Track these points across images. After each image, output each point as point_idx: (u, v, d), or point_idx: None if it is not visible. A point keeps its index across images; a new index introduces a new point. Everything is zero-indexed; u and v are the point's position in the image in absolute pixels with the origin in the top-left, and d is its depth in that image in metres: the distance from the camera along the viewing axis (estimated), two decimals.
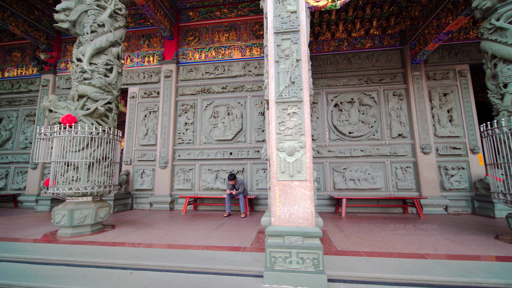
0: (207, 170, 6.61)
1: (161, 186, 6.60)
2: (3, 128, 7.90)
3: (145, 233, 3.78)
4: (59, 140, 3.78)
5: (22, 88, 8.03)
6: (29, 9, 7.16)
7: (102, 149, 3.98)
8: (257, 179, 6.36)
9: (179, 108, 7.03)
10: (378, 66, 6.42)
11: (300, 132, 2.42)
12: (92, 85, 3.97)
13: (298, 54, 2.55)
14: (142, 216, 5.39)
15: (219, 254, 2.74)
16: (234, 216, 5.29)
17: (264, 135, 6.46)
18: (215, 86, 6.94)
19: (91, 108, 3.92)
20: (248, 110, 6.70)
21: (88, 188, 3.76)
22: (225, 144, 6.65)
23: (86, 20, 4.14)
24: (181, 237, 3.52)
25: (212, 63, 7.08)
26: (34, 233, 3.83)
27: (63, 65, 7.90)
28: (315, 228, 2.27)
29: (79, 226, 3.68)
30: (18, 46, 8.41)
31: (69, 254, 2.77)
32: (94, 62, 4.10)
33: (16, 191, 7.51)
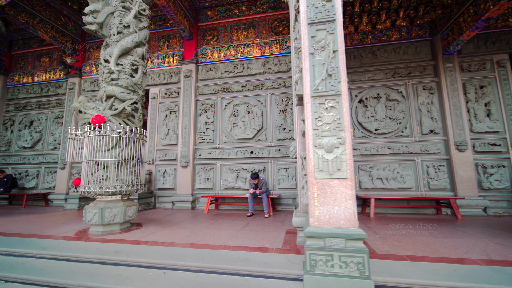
0: (227, 170, 6.57)
1: (183, 186, 6.64)
2: (34, 130, 8.31)
3: (172, 232, 3.77)
4: (89, 140, 3.85)
5: (51, 91, 8.39)
6: (56, 15, 7.46)
7: (129, 148, 4.02)
8: (278, 178, 6.23)
9: (199, 108, 7.04)
10: (406, 59, 6.07)
11: (339, 127, 2.27)
12: (119, 86, 4.02)
13: (334, 45, 2.40)
14: (166, 215, 5.43)
15: (251, 255, 2.65)
16: (257, 216, 5.20)
17: (286, 133, 6.32)
18: (235, 84, 6.89)
19: (118, 108, 3.96)
20: (269, 108, 6.58)
21: (117, 187, 3.80)
22: (245, 143, 6.58)
23: (112, 22, 4.21)
24: (208, 236, 3.47)
25: (231, 61, 7.03)
26: (67, 230, 3.94)
27: (87, 69, 8.18)
28: (359, 229, 2.11)
29: (109, 224, 3.73)
30: (46, 52, 8.81)
31: (102, 252, 2.79)
32: (121, 63, 4.16)
33: (46, 190, 7.86)
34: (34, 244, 3.16)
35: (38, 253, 2.87)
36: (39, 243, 3.22)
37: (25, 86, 8.68)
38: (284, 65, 6.64)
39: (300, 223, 3.01)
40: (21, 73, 8.87)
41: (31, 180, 8.04)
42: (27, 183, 8.04)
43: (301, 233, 3.09)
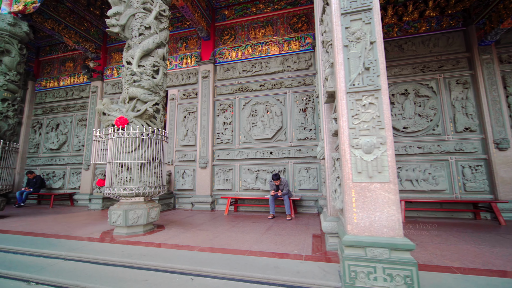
0: (247, 170, 6.46)
1: (202, 186, 6.61)
2: (60, 132, 8.65)
3: (195, 235, 3.70)
4: (113, 142, 3.87)
5: (75, 95, 8.71)
6: (79, 21, 7.71)
7: (151, 149, 4.01)
8: (299, 180, 6.04)
9: (217, 108, 6.99)
10: (436, 52, 5.66)
11: (379, 125, 2.07)
12: (141, 87, 4.02)
13: (372, 35, 2.19)
14: (186, 216, 5.40)
15: (281, 262, 2.50)
16: (279, 219, 5.04)
17: (306, 133, 6.11)
18: (253, 84, 6.77)
19: (141, 110, 3.96)
20: (288, 107, 6.40)
21: (140, 188, 3.79)
22: (264, 143, 6.44)
23: (134, 24, 4.21)
24: (232, 240, 3.36)
25: (249, 60, 6.92)
26: (93, 231, 3.98)
27: (109, 72, 8.40)
28: (405, 239, 1.90)
29: (133, 226, 3.73)
30: (71, 57, 9.15)
31: (128, 256, 2.75)
32: (142, 64, 4.15)
33: (71, 190, 8.16)
34: (62, 246, 3.20)
35: (66, 255, 2.89)
36: (67, 244, 3.26)
37: (52, 91, 9.07)
38: (304, 63, 6.43)
39: (330, 228, 2.82)
40: (47, 78, 9.28)
41: (58, 180, 8.38)
42: (54, 184, 8.38)
43: (332, 239, 2.90)
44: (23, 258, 3.00)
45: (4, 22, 5.56)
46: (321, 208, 5.63)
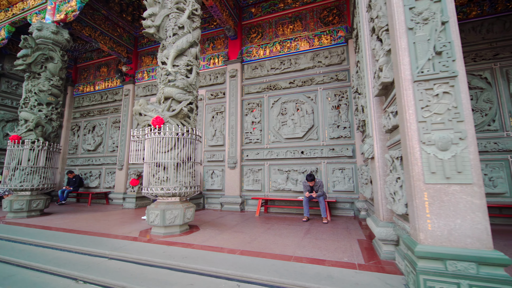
0: (277, 171, 6.27)
1: (231, 187, 6.54)
2: (96, 134, 9.12)
3: (232, 237, 3.59)
4: (150, 142, 3.90)
5: (109, 98, 9.13)
6: (113, 27, 8.05)
7: (186, 149, 3.97)
8: (333, 180, 5.72)
9: (245, 107, 6.89)
10: (490, 38, 5.05)
11: (457, 118, 1.78)
12: (176, 87, 4.00)
13: (443, 14, 1.91)
14: (218, 217, 5.34)
15: (333, 271, 2.28)
16: (314, 221, 4.78)
17: (340, 131, 5.77)
18: (282, 81, 6.57)
19: (176, 109, 3.94)
20: (320, 105, 6.11)
21: (176, 188, 3.77)
22: (295, 142, 6.21)
23: (168, 24, 4.23)
24: (272, 244, 3.19)
25: (277, 58, 6.74)
26: (131, 230, 4.04)
27: (140, 75, 8.68)
28: (496, 252, 1.60)
29: (169, 226, 3.71)
30: (105, 62, 9.62)
31: (170, 257, 2.69)
32: (176, 64, 4.14)
33: (107, 189, 8.54)
34: (105, 244, 3.24)
35: (110, 254, 2.91)
36: (109, 243, 3.30)
37: (88, 95, 9.60)
38: (336, 57, 6.10)
39: (385, 235, 2.54)
40: (84, 83, 9.85)
41: (94, 180, 8.82)
42: (91, 183, 8.84)
43: (386, 247, 2.61)
44: (70, 255, 3.08)
45: (48, 30, 5.92)
46: (358, 211, 5.29)
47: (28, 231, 4.00)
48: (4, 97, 7.91)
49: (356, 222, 4.68)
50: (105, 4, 7.63)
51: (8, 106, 7.99)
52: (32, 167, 5.45)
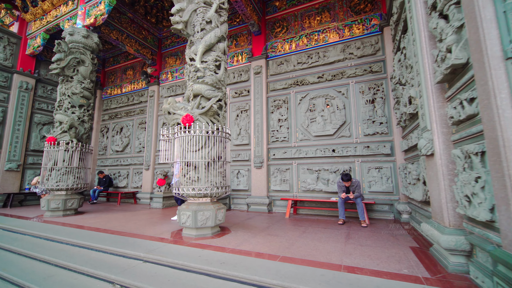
0: (306, 170, 5.96)
1: (258, 187, 6.33)
2: (123, 135, 9.37)
3: (267, 241, 3.36)
4: (179, 141, 3.78)
5: (135, 100, 9.33)
6: (138, 30, 8.19)
7: (216, 148, 3.82)
8: (369, 180, 5.30)
9: (271, 105, 6.65)
10: None
11: None
12: (205, 83, 3.86)
13: None
14: (246, 218, 5.15)
15: (396, 286, 1.96)
16: (352, 225, 4.42)
17: (376, 127, 5.34)
18: (310, 76, 6.24)
19: (206, 107, 3.80)
20: (352, 99, 5.70)
21: (208, 189, 3.62)
22: (325, 140, 5.86)
23: (196, 19, 4.10)
24: (313, 250, 2.91)
25: (304, 51, 6.42)
26: (162, 231, 3.96)
27: (164, 76, 8.77)
28: None
29: (201, 228, 3.57)
30: (131, 65, 9.87)
31: (207, 262, 2.52)
32: (205, 60, 4.00)
33: (134, 188, 8.72)
34: (138, 246, 3.16)
35: (145, 256, 2.81)
36: (142, 244, 3.22)
37: (116, 97, 9.91)
38: (370, 48, 5.66)
39: (455, 244, 2.17)
40: (112, 86, 10.18)
41: (123, 180, 9.06)
42: (120, 183, 9.08)
43: (455, 258, 2.23)
44: (105, 257, 3.03)
45: (79, 35, 6.09)
46: (398, 214, 4.84)
47: (65, 230, 4.07)
48: (40, 101, 8.36)
49: (399, 226, 4.25)
50: (130, 7, 7.77)
51: (44, 110, 8.44)
52: (66, 168, 5.62)
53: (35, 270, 2.87)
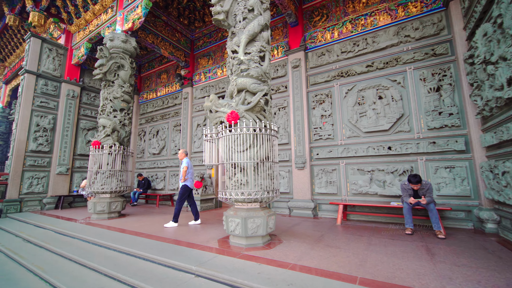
0: (356, 171, 5.32)
1: (300, 190, 5.84)
2: (159, 138, 9.51)
3: (329, 254, 2.87)
4: (224, 141, 3.47)
5: (170, 103, 9.42)
6: (172, 32, 8.21)
7: (264, 147, 3.43)
8: (437, 182, 4.51)
9: (312, 100, 6.11)
10: None
11: None
12: (250, 76, 3.50)
13: None
14: (292, 225, 4.69)
15: None
16: (424, 235, 3.71)
17: (444, 119, 4.53)
18: (357, 66, 5.59)
19: (252, 102, 3.43)
20: (410, 88, 4.94)
21: (258, 193, 3.24)
22: (378, 136, 5.16)
23: (237, 8, 3.78)
24: (396, 270, 2.36)
25: (348, 39, 5.79)
26: (207, 238, 3.68)
27: (197, 77, 8.70)
28: None
29: (252, 237, 3.20)
30: (164, 69, 10.02)
31: (271, 283, 2.12)
32: (248, 51, 3.65)
33: (171, 191, 8.75)
34: (186, 256, 2.89)
35: (197, 270, 2.50)
36: (191, 255, 2.94)
37: (151, 101, 10.13)
38: (431, 27, 4.86)
39: None
40: (147, 90, 10.44)
41: (160, 182, 9.17)
42: (157, 185, 9.21)
43: None
44: (154, 267, 2.80)
45: (118, 40, 6.18)
46: (479, 222, 4.01)
47: (112, 235, 3.99)
48: (85, 108, 8.81)
49: (486, 238, 3.46)
50: (164, 10, 7.81)
51: (88, 116, 8.87)
52: (110, 171, 5.69)
53: (86, 280, 2.73)
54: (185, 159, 4.98)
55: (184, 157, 5.04)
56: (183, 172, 4.81)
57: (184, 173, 4.81)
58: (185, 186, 4.84)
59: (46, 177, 7.69)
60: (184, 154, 5.08)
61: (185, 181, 4.84)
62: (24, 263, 3.33)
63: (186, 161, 4.92)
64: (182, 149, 5.17)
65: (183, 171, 4.81)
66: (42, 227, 5.12)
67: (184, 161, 4.93)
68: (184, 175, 4.81)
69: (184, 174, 4.81)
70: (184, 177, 4.82)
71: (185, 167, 4.83)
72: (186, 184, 4.85)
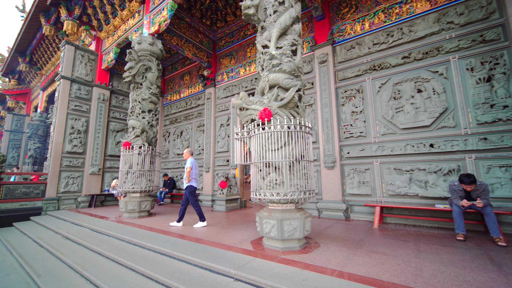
0: (392, 170, 4.95)
1: (330, 190, 5.56)
2: (183, 138, 9.65)
3: (376, 261, 2.63)
4: (256, 139, 3.34)
5: (193, 104, 9.53)
6: (195, 34, 8.28)
7: (299, 145, 3.25)
8: (491, 183, 4.04)
9: (341, 96, 5.81)
10: None
11: None
12: (282, 71, 3.34)
13: None
14: (325, 227, 4.45)
15: None
16: (479, 242, 3.32)
17: (497, 112, 4.06)
18: (391, 57, 5.22)
19: (286, 97, 3.27)
20: (455, 80, 4.50)
21: (294, 194, 3.07)
22: (418, 132, 4.77)
23: (267, 1, 3.63)
24: (462, 282, 2.07)
25: (381, 30, 5.42)
26: (240, 240, 3.57)
27: (219, 78, 8.70)
28: None
29: (288, 240, 3.03)
30: (187, 71, 10.16)
31: None
32: (280, 45, 3.49)
33: None
34: (222, 258, 2.79)
35: (236, 274, 2.39)
36: (226, 256, 2.84)
37: (175, 103, 10.32)
38: (478, 11, 4.39)
39: None
40: (171, 92, 10.65)
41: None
42: (182, 185, 9.34)
43: None
44: (190, 269, 2.73)
45: (146, 43, 6.31)
46: None
47: (144, 234, 4.03)
48: (114, 110, 9.17)
49: None
50: (188, 12, 7.89)
51: (117, 118, 9.23)
52: (140, 171, 5.81)
53: (124, 279, 2.72)
54: (190, 158, 4.93)
55: (189, 157, 4.99)
56: (187, 172, 4.74)
57: (188, 174, 4.73)
58: (190, 186, 4.77)
59: (80, 177, 8.08)
60: (189, 153, 5.05)
61: (189, 181, 4.78)
62: (65, 260, 3.43)
63: (191, 161, 4.86)
64: (187, 148, 5.15)
65: (186, 171, 4.74)
66: (79, 224, 5.33)
67: (188, 161, 4.87)
68: (188, 176, 4.74)
69: (188, 175, 4.73)
70: (189, 178, 4.76)
71: (188, 167, 4.75)
72: (191, 184, 4.78)
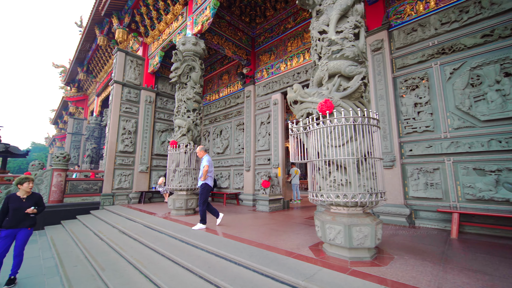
0: (471, 170, 4.18)
1: (389, 192, 4.94)
2: (223, 138, 9.72)
3: (482, 284, 2.11)
4: (315, 134, 3.02)
5: (232, 103, 9.53)
6: (234, 32, 8.23)
7: (366, 141, 2.84)
8: None
9: (400, 86, 5.15)
10: None
11: None
12: (344, 57, 2.97)
13: None
14: (389, 235, 3.91)
15: None
16: None
17: None
18: (466, 38, 4.43)
19: (350, 87, 2.89)
20: None
21: (364, 196, 2.68)
22: (507, 125, 3.93)
23: None
24: None
25: (451, 6, 4.64)
26: (296, 244, 3.29)
27: (259, 75, 8.52)
28: None
29: (357, 249, 2.66)
30: (226, 70, 10.21)
31: None
32: (340, 29, 3.11)
33: (236, 190, 8.80)
34: (282, 265, 2.54)
35: (306, 286, 2.10)
36: (287, 263, 2.58)
37: (214, 102, 10.45)
38: None
39: None
40: (210, 92, 10.83)
41: (224, 181, 9.34)
42: (222, 184, 9.41)
43: None
44: (250, 275, 2.53)
45: (189, 43, 6.40)
46: None
47: (195, 233, 3.99)
48: (159, 111, 9.64)
49: None
50: (228, 10, 7.87)
51: (162, 119, 9.67)
52: (186, 169, 5.90)
53: (184, 280, 2.65)
54: (206, 156, 4.79)
55: (204, 154, 4.85)
56: (203, 171, 4.59)
57: (205, 172, 4.59)
58: (205, 184, 4.63)
59: (131, 174, 8.63)
60: (203, 151, 4.91)
61: (205, 179, 4.63)
62: (125, 255, 3.54)
63: (207, 159, 4.72)
64: (200, 146, 5.02)
65: (203, 170, 4.60)
66: (132, 220, 5.60)
67: (204, 160, 4.74)
68: (205, 174, 4.60)
69: (205, 173, 4.59)
70: (205, 176, 4.61)
71: (206, 165, 4.62)
72: (207, 182, 4.64)
